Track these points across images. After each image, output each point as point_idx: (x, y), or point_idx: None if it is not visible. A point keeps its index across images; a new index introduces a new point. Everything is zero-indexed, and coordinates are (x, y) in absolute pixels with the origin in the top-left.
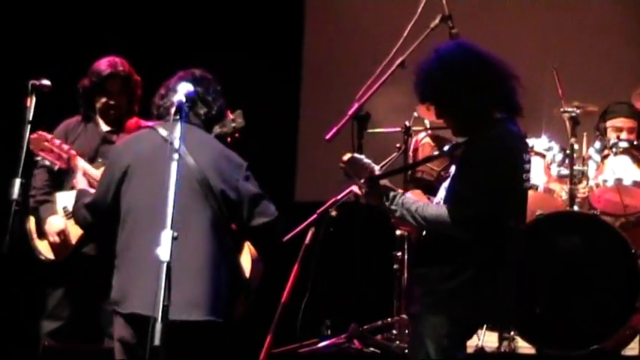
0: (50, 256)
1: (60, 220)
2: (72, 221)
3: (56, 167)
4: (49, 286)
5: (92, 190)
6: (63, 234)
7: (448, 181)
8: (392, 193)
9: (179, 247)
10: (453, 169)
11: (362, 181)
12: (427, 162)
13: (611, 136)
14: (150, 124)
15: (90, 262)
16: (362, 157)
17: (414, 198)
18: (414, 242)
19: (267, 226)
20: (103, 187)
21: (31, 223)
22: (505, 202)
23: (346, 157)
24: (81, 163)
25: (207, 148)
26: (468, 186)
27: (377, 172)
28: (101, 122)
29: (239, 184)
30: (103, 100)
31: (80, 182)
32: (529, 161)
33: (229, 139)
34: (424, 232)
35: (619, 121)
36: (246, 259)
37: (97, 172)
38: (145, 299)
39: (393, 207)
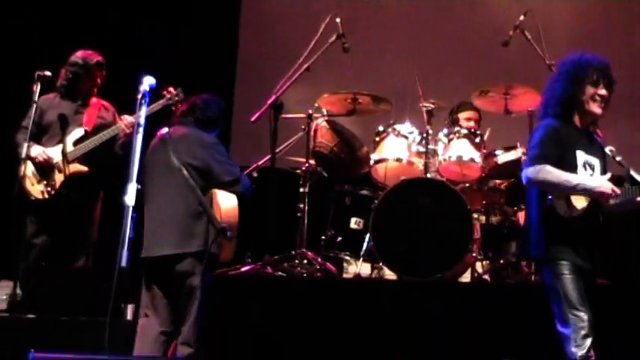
0: (39, 196)
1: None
2: (57, 170)
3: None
4: (31, 220)
5: None
6: (45, 154)
7: (597, 168)
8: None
9: (161, 205)
10: None
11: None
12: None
13: (463, 124)
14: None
15: (72, 199)
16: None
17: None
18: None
19: (233, 182)
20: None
21: (28, 168)
22: None
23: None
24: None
25: (185, 140)
26: None
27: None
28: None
29: (209, 159)
30: (89, 82)
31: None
32: None
33: (174, 108)
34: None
35: (468, 113)
36: (217, 212)
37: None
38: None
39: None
